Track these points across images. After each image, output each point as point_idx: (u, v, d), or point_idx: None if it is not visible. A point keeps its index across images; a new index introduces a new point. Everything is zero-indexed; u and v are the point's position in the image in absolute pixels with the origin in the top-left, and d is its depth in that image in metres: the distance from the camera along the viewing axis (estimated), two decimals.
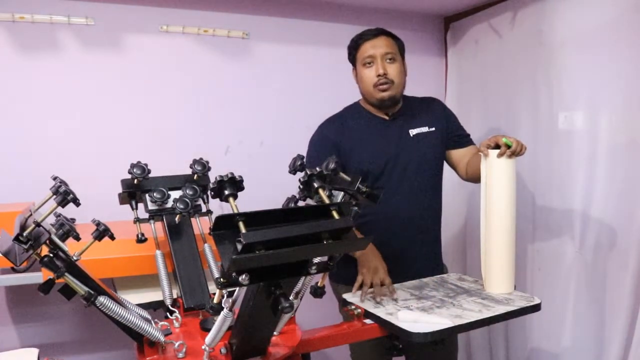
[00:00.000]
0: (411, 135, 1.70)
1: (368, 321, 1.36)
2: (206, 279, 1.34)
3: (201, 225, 1.41)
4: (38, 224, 0.93)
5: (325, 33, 2.29)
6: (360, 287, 1.49)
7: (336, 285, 1.76)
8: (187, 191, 1.36)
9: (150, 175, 1.37)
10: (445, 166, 1.82)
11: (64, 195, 1.00)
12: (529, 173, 2.03)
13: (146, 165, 1.36)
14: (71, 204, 1.02)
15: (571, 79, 1.85)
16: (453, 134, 1.75)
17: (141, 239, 1.31)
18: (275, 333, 1.15)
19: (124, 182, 1.37)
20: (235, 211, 0.94)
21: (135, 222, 1.35)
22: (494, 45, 2.22)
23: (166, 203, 1.38)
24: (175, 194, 1.39)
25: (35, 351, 1.11)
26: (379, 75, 1.62)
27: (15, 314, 1.91)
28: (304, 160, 1.22)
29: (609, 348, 1.75)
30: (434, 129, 1.72)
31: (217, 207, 1.49)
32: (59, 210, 1.02)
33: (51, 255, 0.96)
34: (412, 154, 1.68)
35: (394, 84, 1.63)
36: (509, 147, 1.43)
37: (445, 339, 1.32)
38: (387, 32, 1.68)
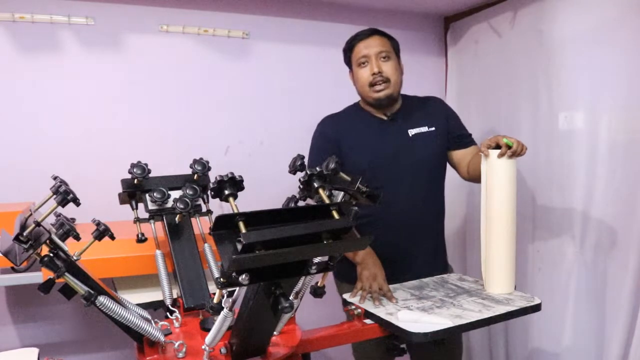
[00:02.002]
0: (410, 135, 1.69)
1: (368, 321, 1.36)
2: (206, 279, 1.34)
3: (201, 225, 1.41)
4: (38, 224, 0.93)
5: (325, 33, 2.29)
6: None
7: (340, 283, 1.76)
8: (187, 191, 1.36)
9: (150, 175, 1.37)
10: (447, 166, 1.82)
11: (64, 195, 1.00)
12: (529, 173, 2.03)
13: (146, 165, 1.36)
14: (71, 204, 1.02)
15: (571, 79, 1.85)
16: (454, 134, 1.74)
17: (141, 239, 1.31)
18: (275, 333, 1.15)
19: (124, 182, 1.37)
20: (235, 211, 0.94)
21: (135, 222, 1.35)
22: (494, 45, 2.22)
23: (166, 203, 1.38)
24: (175, 194, 1.39)
25: (35, 351, 1.11)
26: (374, 74, 1.62)
27: (15, 314, 1.91)
28: (304, 159, 1.22)
29: (609, 348, 1.75)
30: (433, 128, 1.71)
31: (217, 207, 1.50)
32: (59, 210, 1.02)
33: (51, 255, 0.96)
34: (411, 154, 1.68)
35: (390, 82, 1.63)
36: (509, 147, 1.43)
37: (445, 339, 1.32)
38: (381, 31, 1.67)
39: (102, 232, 1.14)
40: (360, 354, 1.81)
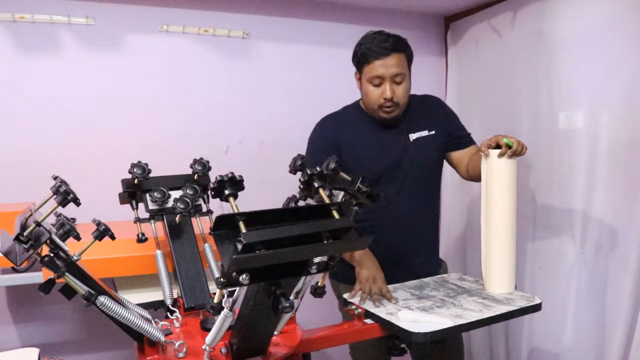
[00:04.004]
0: (411, 140, 1.68)
1: (368, 321, 1.36)
2: (206, 279, 1.34)
3: (201, 225, 1.41)
4: (38, 224, 0.93)
5: (325, 33, 2.29)
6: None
7: (336, 283, 1.76)
8: (188, 191, 1.36)
9: (150, 175, 1.37)
10: (447, 166, 1.82)
11: (65, 195, 1.00)
12: (529, 173, 2.03)
13: (146, 165, 1.36)
14: (71, 204, 1.02)
15: (571, 79, 1.85)
16: (453, 135, 1.73)
17: (141, 239, 1.32)
18: (275, 333, 1.15)
19: (125, 182, 1.37)
20: (236, 211, 0.94)
21: (135, 221, 1.35)
22: (494, 45, 2.22)
23: (166, 203, 1.38)
24: (175, 194, 1.39)
25: (35, 351, 1.11)
26: (385, 99, 1.58)
27: (15, 314, 1.92)
28: (304, 159, 1.22)
29: (609, 348, 1.75)
30: (433, 132, 1.70)
31: (218, 207, 1.49)
32: (60, 210, 1.02)
33: (52, 255, 0.96)
34: (413, 159, 1.67)
35: (399, 105, 1.61)
36: (509, 147, 1.43)
37: (446, 339, 1.32)
38: (399, 47, 1.58)
39: (103, 232, 1.14)
40: (358, 354, 1.81)
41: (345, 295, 1.51)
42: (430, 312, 1.34)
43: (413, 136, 1.69)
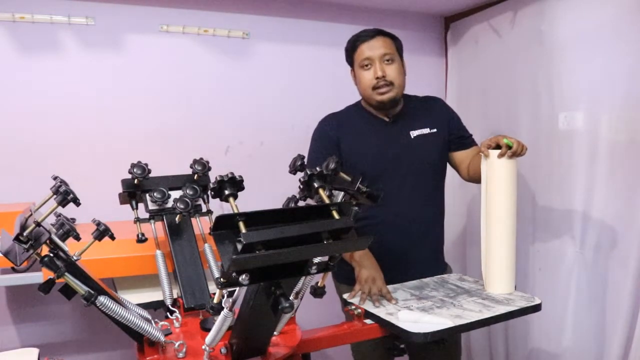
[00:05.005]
0: (412, 137, 1.68)
1: (368, 321, 1.36)
2: (206, 279, 1.34)
3: (201, 225, 1.41)
4: (38, 224, 0.93)
5: (325, 33, 2.29)
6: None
7: (339, 284, 1.76)
8: (188, 191, 1.36)
9: (150, 175, 1.37)
10: (447, 167, 1.82)
11: (64, 195, 1.00)
12: (529, 173, 2.03)
13: (146, 165, 1.36)
14: (71, 204, 1.02)
15: (571, 79, 1.85)
16: (455, 136, 1.73)
17: (141, 239, 1.32)
18: (275, 333, 1.15)
19: (125, 182, 1.37)
20: (236, 211, 0.94)
21: (135, 222, 1.35)
22: (494, 45, 2.22)
23: (166, 203, 1.38)
24: (175, 194, 1.39)
25: (35, 351, 1.11)
26: (377, 78, 1.60)
27: (15, 314, 1.91)
28: (304, 159, 1.22)
29: (609, 348, 1.75)
30: (435, 130, 1.70)
31: (218, 207, 1.50)
32: (59, 210, 1.02)
33: (51, 255, 0.95)
34: (413, 156, 1.67)
35: (394, 85, 1.62)
36: (509, 147, 1.43)
37: (445, 339, 1.32)
38: (384, 31, 1.65)
39: (102, 232, 1.14)
40: (359, 354, 1.81)
41: (345, 296, 1.51)
42: (430, 312, 1.34)
43: (414, 133, 1.69)
